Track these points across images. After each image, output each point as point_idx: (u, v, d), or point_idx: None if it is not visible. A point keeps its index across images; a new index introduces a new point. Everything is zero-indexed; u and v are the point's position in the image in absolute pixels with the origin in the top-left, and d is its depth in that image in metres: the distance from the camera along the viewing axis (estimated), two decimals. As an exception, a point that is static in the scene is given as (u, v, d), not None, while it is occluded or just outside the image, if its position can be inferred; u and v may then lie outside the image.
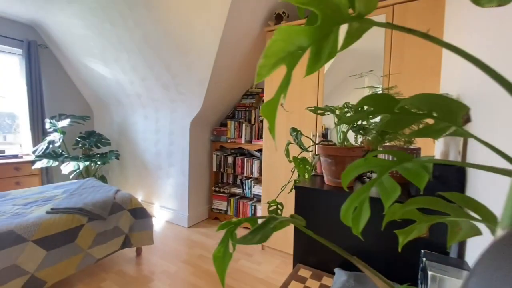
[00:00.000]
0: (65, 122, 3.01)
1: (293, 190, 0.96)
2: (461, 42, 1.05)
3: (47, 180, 3.18)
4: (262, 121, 2.85)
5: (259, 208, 2.77)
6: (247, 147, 2.87)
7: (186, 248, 2.41)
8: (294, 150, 0.98)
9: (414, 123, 0.24)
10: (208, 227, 2.90)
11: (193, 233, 2.74)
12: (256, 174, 2.81)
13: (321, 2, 0.17)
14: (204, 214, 3.13)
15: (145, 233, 2.14)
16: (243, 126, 2.88)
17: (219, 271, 0.25)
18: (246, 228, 2.87)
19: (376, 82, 1.85)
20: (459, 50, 0.19)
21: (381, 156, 0.91)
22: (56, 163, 2.91)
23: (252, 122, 2.97)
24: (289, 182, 0.96)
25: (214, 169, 3.13)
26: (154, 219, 2.24)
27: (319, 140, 2.01)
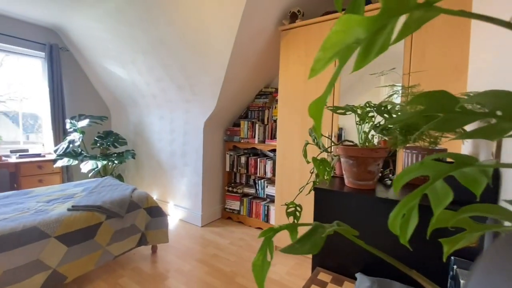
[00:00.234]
0: (84, 122, 3.11)
1: (311, 191, 0.93)
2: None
3: (67, 178, 3.30)
4: (275, 121, 2.83)
5: (272, 208, 2.75)
6: (260, 147, 2.86)
7: (200, 247, 2.43)
8: (310, 151, 0.96)
9: (468, 123, 0.22)
10: (221, 227, 2.91)
11: (206, 232, 2.76)
12: (269, 175, 2.79)
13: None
14: (217, 213, 3.15)
15: (160, 231, 2.17)
16: (257, 126, 2.87)
17: (258, 280, 0.24)
18: (259, 228, 2.86)
19: (392, 80, 1.79)
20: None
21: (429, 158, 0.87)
22: (75, 162, 3.02)
23: (265, 122, 2.95)
24: (307, 184, 0.94)
25: (227, 169, 3.14)
26: (168, 218, 2.26)
27: (335, 140, 1.97)
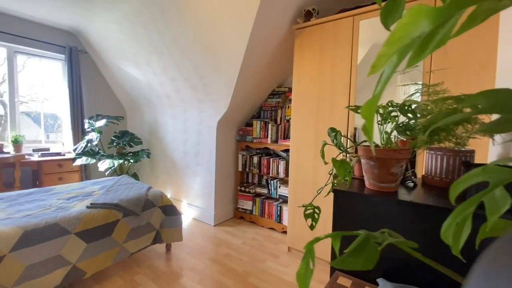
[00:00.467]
0: (101, 122, 3.20)
1: (330, 193, 0.91)
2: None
3: (85, 176, 3.41)
4: (288, 121, 2.81)
5: (285, 209, 2.72)
6: (273, 147, 2.84)
7: (213, 246, 2.44)
8: (326, 151, 0.93)
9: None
10: (233, 226, 2.92)
11: (219, 231, 2.78)
12: (282, 175, 2.77)
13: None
14: (229, 213, 3.16)
15: (174, 230, 2.20)
16: (269, 126, 2.86)
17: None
18: (272, 228, 2.84)
19: (410, 79, 1.72)
20: None
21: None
22: (93, 161, 3.11)
23: (278, 122, 2.93)
24: (326, 185, 0.92)
25: (240, 169, 3.14)
26: (182, 216, 2.29)
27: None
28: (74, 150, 3.16)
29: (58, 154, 3.12)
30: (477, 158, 1.05)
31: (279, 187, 2.83)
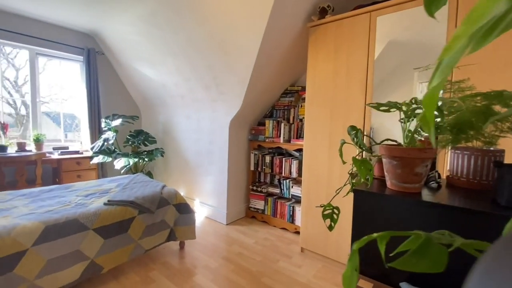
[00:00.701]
0: (117, 122, 3.28)
1: (349, 193, 0.89)
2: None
3: (102, 174, 3.51)
4: (301, 120, 2.77)
5: (298, 209, 2.70)
6: (286, 147, 2.82)
7: (226, 244, 2.45)
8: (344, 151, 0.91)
9: None
10: (245, 225, 2.92)
11: (231, 230, 2.78)
12: (294, 175, 2.74)
13: None
14: (241, 212, 3.16)
15: (188, 227, 2.22)
16: (282, 125, 2.84)
17: (346, 291, 0.22)
18: (284, 229, 2.82)
19: (427, 77, 1.66)
20: None
21: None
22: (109, 159, 3.19)
23: (291, 121, 2.90)
24: (345, 185, 0.90)
25: (252, 168, 3.13)
26: (195, 215, 2.31)
27: (367, 140, 1.88)
28: (92, 149, 3.26)
29: (77, 152, 3.23)
30: (507, 158, 0.99)
31: (292, 187, 2.80)
